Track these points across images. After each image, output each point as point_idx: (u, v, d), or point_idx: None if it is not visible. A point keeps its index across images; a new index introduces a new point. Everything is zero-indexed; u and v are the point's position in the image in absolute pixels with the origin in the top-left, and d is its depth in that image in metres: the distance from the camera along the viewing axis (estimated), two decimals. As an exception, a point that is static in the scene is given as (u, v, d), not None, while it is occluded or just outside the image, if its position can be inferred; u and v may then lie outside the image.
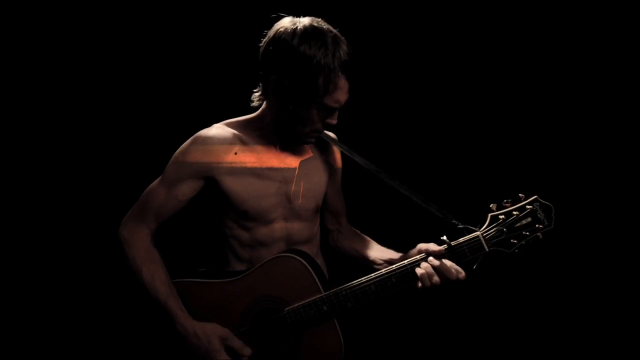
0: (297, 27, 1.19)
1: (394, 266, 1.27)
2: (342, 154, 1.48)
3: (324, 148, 1.46)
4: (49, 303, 1.93)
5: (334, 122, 1.29)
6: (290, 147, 1.38)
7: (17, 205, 1.90)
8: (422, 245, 1.27)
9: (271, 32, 1.24)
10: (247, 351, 1.29)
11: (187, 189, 1.33)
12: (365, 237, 1.54)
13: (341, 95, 1.23)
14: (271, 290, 1.31)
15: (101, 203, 1.90)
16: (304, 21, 1.22)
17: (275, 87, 1.23)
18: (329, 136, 1.44)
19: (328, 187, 1.47)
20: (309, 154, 1.42)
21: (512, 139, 1.92)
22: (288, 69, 1.19)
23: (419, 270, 1.23)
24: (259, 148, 1.35)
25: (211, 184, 1.33)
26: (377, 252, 1.46)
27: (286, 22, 1.23)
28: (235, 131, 1.35)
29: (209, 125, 1.37)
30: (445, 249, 1.24)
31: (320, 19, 1.24)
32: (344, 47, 1.21)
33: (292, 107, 1.23)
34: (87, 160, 1.93)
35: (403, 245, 1.35)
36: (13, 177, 1.88)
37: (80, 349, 1.91)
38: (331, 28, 1.23)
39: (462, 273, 1.22)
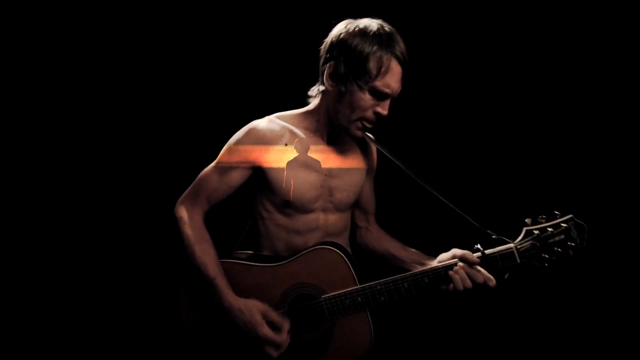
0: (356, 24, 1.32)
1: (427, 267, 1.34)
2: (379, 154, 1.55)
3: (364, 146, 1.53)
4: (51, 301, 2.01)
5: (384, 112, 1.33)
6: (337, 142, 1.45)
7: (35, 202, 1.98)
8: (456, 251, 1.34)
9: (333, 29, 1.36)
10: (286, 324, 1.38)
11: (237, 176, 1.43)
12: (393, 238, 1.60)
13: (392, 79, 1.29)
14: (310, 278, 1.40)
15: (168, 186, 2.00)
16: (364, 20, 1.33)
17: (331, 73, 1.33)
18: (369, 136, 1.50)
19: (364, 184, 1.54)
20: (354, 149, 1.50)
21: (550, 156, 1.94)
22: (344, 56, 1.30)
23: (452, 274, 1.31)
24: (308, 141, 1.43)
25: (259, 173, 1.42)
26: (408, 253, 1.52)
27: (347, 21, 1.34)
28: (286, 124, 1.43)
29: (262, 116, 1.45)
30: (479, 257, 1.30)
31: (380, 20, 1.33)
32: (398, 40, 1.31)
33: (344, 89, 1.31)
34: (150, 148, 2.03)
35: (435, 249, 1.42)
36: (32, 173, 1.97)
37: (81, 348, 2.01)
38: (388, 26, 1.32)
39: (493, 281, 1.29)
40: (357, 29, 1.30)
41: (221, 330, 1.41)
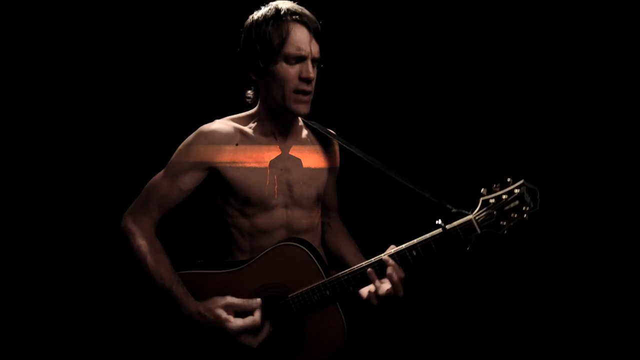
0: (251, 16, 1.36)
1: (392, 250, 1.33)
2: (341, 150, 1.55)
3: (325, 142, 1.53)
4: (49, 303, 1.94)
5: (309, 74, 1.32)
6: (290, 138, 1.44)
7: (16, 204, 1.91)
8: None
9: None
10: (255, 302, 1.31)
11: (190, 180, 1.38)
12: (349, 239, 1.60)
13: (299, 40, 1.29)
14: (274, 278, 1.35)
15: (104, 199, 1.92)
16: (259, 10, 1.35)
17: (248, 62, 1.36)
18: (328, 131, 1.51)
19: (327, 180, 1.53)
20: (312, 145, 1.49)
21: (501, 127, 2.00)
22: (252, 46, 1.33)
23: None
24: (260, 138, 1.41)
25: (214, 175, 1.38)
26: (353, 258, 1.51)
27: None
28: (236, 124, 1.41)
29: (211, 121, 1.42)
30: (441, 232, 1.30)
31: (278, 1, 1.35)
32: (294, 7, 1.32)
33: (262, 65, 1.32)
34: (90, 157, 1.96)
35: (401, 231, 1.41)
36: (12, 177, 1.90)
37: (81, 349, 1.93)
38: (282, 2, 1.34)
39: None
40: (251, 20, 1.35)
41: (192, 341, 1.33)
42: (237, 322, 1.27)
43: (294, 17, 1.30)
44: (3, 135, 1.88)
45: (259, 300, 1.32)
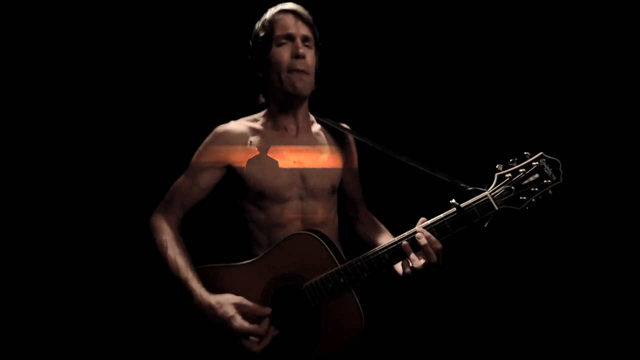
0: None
1: (405, 233, 1.29)
2: (357, 143, 1.57)
3: (338, 135, 1.55)
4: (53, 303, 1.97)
5: (299, 50, 1.40)
6: (301, 130, 1.48)
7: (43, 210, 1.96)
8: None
9: None
10: (266, 310, 1.32)
11: (208, 178, 1.44)
12: (380, 226, 1.58)
13: (286, 23, 1.42)
14: (288, 267, 1.34)
15: (132, 201, 1.98)
16: None
17: (254, 63, 1.48)
18: (340, 126, 1.53)
19: (345, 175, 1.55)
20: (325, 138, 1.51)
21: (515, 101, 1.92)
22: (252, 46, 1.48)
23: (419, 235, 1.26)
24: (272, 133, 1.46)
25: (231, 173, 1.44)
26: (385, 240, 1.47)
27: None
28: (249, 123, 1.49)
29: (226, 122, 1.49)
30: (455, 211, 1.25)
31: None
32: (282, 4, 1.47)
33: (266, 62, 1.43)
34: (117, 165, 2.04)
35: (418, 215, 1.37)
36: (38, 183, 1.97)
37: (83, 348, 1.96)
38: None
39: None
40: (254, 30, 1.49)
41: (203, 334, 1.35)
42: (243, 323, 1.28)
43: (280, 9, 1.45)
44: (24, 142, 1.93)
45: (269, 310, 1.33)
